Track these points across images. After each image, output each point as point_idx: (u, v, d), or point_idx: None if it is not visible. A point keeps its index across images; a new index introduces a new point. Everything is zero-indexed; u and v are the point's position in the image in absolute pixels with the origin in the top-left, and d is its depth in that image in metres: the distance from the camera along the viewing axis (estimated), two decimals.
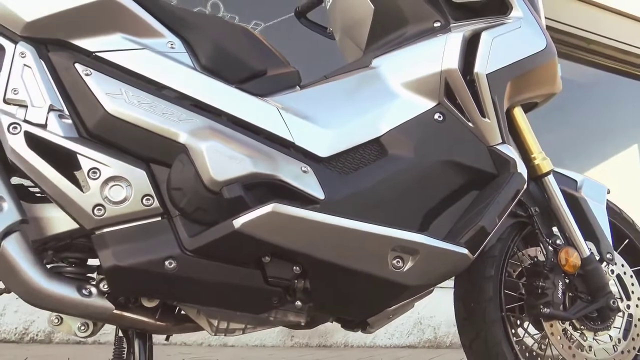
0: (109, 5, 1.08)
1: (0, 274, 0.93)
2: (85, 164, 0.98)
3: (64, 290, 0.97)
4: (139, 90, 1.06)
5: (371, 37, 1.38)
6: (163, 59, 1.11)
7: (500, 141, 1.22)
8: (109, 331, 3.76)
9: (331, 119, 1.19)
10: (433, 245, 1.06)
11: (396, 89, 1.24)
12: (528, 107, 1.45)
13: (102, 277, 1.08)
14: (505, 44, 1.26)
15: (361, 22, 1.39)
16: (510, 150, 1.22)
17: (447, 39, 1.24)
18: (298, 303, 1.08)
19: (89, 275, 1.11)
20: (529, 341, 1.42)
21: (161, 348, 3.26)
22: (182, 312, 1.14)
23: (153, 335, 1.16)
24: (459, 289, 1.36)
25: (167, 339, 1.27)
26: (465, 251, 1.08)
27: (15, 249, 0.93)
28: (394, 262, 1.05)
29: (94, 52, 1.07)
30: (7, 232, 0.93)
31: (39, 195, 1.09)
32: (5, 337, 3.24)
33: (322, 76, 1.35)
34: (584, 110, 5.59)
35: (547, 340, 1.37)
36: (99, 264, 1.13)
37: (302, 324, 1.13)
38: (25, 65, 1.01)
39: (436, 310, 4.17)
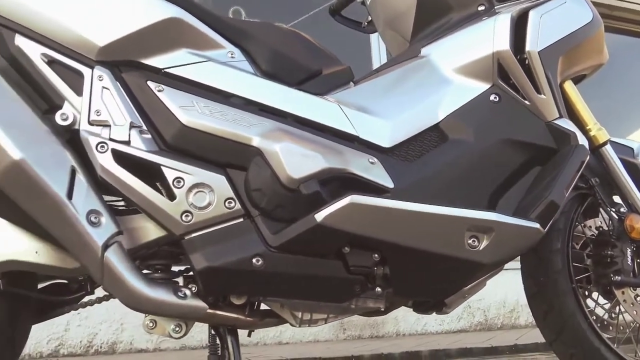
0: (172, 23, 1.14)
1: (105, 283, 1.00)
2: (170, 175, 1.04)
3: (163, 294, 1.04)
4: (208, 100, 1.11)
5: (416, 27, 1.41)
6: (226, 68, 1.17)
7: (558, 116, 1.25)
8: (167, 338, 3.87)
9: (390, 110, 1.23)
10: (506, 222, 1.09)
11: (449, 75, 1.27)
12: (576, 80, 1.46)
13: (189, 280, 1.15)
14: (553, 20, 1.28)
15: (405, 13, 1.43)
16: (568, 124, 1.24)
17: (495, 20, 1.27)
18: (378, 289, 1.13)
19: (174, 280, 1.17)
20: (598, 312, 1.44)
21: None
22: (266, 307, 1.19)
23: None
24: (526, 265, 1.39)
25: (249, 334, 1.33)
26: (537, 226, 1.11)
27: (117, 259, 1.00)
28: (470, 241, 1.09)
29: (163, 68, 1.13)
30: (108, 244, 0.99)
31: (121, 208, 1.15)
32: (72, 351, 3.37)
33: (373, 70, 1.39)
34: (613, 78, 5.49)
35: (618, 308, 1.39)
36: (183, 268, 1.21)
37: (382, 309, 1.18)
38: (103, 87, 1.08)
39: (484, 292, 4.13)
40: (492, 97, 1.24)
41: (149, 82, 1.10)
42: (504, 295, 4.22)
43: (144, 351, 3.44)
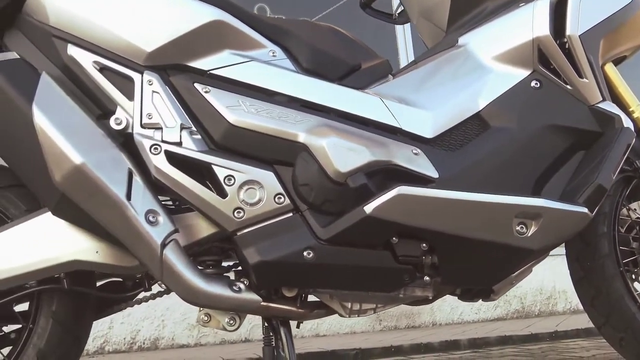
0: (215, 25, 1.17)
1: (164, 279, 1.04)
2: (220, 173, 1.08)
3: (219, 289, 1.07)
4: (253, 99, 1.14)
5: (452, 17, 1.42)
6: (269, 67, 1.20)
7: (601, 99, 1.24)
8: (207, 333, 3.93)
9: (430, 101, 1.24)
10: (555, 207, 1.10)
11: (488, 63, 1.27)
12: (617, 62, 1.45)
13: (240, 274, 1.19)
14: (593, 3, 1.27)
15: (440, 3, 1.43)
16: (612, 107, 1.24)
17: (534, 6, 1.26)
18: (426, 278, 1.14)
19: (225, 275, 1.21)
20: None
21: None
22: (315, 298, 1.22)
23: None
24: (572, 251, 1.38)
25: (297, 325, 1.36)
26: (585, 210, 1.11)
27: (175, 256, 1.04)
28: (518, 228, 1.09)
29: (208, 70, 1.16)
30: (166, 242, 1.03)
31: (173, 207, 1.19)
32: (116, 348, 3.48)
33: (411, 62, 1.40)
34: None
35: None
36: (232, 263, 1.24)
37: (430, 297, 1.20)
38: (153, 91, 1.12)
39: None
40: (533, 84, 1.24)
41: (195, 84, 1.14)
42: (540, 282, 4.18)
43: (185, 346, 3.52)
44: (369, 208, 1.05)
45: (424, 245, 1.10)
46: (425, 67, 1.32)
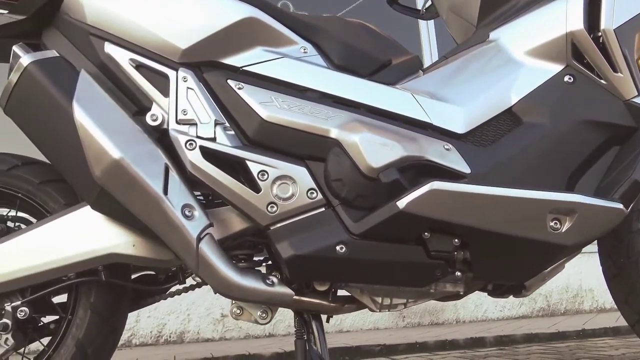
0: (247, 22, 1.18)
1: (200, 272, 1.06)
2: (254, 168, 1.09)
3: (252, 282, 1.09)
4: (285, 95, 1.16)
5: (483, 12, 1.41)
6: (300, 63, 1.21)
7: (636, 94, 1.22)
8: (232, 327, 3.96)
9: (462, 96, 1.23)
10: (589, 203, 1.09)
11: (520, 58, 1.26)
12: None
13: (271, 268, 1.20)
14: None
15: None
16: None
17: (567, 1, 1.25)
18: (458, 273, 1.14)
19: (256, 269, 1.22)
20: None
21: (285, 339, 3.44)
22: (346, 293, 1.23)
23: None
24: (605, 247, 1.37)
25: (327, 320, 1.37)
26: (620, 206, 1.10)
27: (210, 250, 1.06)
28: (552, 224, 1.09)
29: (241, 67, 1.18)
30: (201, 236, 1.05)
31: (202, 202, 1.21)
32: (143, 341, 3.54)
33: (441, 57, 1.40)
34: None
35: None
36: (263, 257, 1.26)
37: (461, 293, 1.20)
38: (188, 88, 1.14)
39: None
40: (566, 78, 1.23)
41: (229, 81, 1.15)
42: (566, 279, 4.13)
43: (210, 340, 3.57)
44: (402, 203, 1.05)
45: (457, 240, 1.10)
46: (456, 63, 1.32)
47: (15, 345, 1.17)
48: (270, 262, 1.23)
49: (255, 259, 1.26)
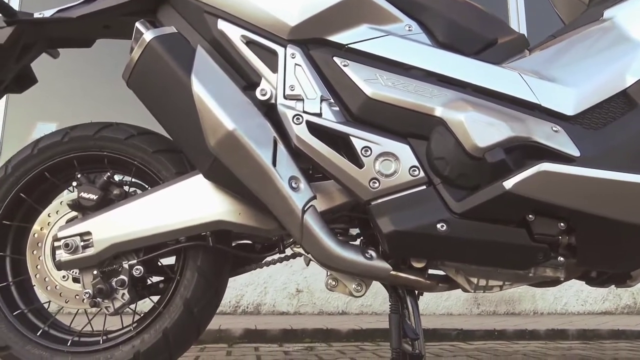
0: (354, 0, 1.19)
1: (304, 242, 1.10)
2: (358, 144, 1.11)
3: (352, 255, 1.12)
4: (390, 73, 1.16)
5: None
6: (405, 41, 1.21)
7: None
8: (306, 302, 4.05)
9: (572, 77, 1.19)
10: None
11: (638, 38, 1.20)
12: None
13: (367, 243, 1.23)
14: None
15: None
16: None
17: None
18: (560, 258, 1.12)
19: (352, 243, 1.25)
20: None
21: (358, 317, 3.49)
22: (439, 272, 1.23)
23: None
24: None
25: (418, 297, 1.38)
26: None
27: (314, 221, 1.10)
28: None
29: (347, 44, 1.20)
30: (306, 208, 1.09)
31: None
32: (222, 310, 3.71)
33: (549, 36, 1.35)
34: None
35: None
36: (357, 232, 1.29)
37: (561, 279, 1.17)
38: (296, 64, 1.17)
39: None
40: None
41: (334, 58, 1.17)
42: None
43: (285, 314, 3.69)
44: (508, 184, 1.04)
45: (562, 224, 1.08)
46: (566, 42, 1.27)
47: (130, 300, 1.28)
48: (364, 237, 1.26)
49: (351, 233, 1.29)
